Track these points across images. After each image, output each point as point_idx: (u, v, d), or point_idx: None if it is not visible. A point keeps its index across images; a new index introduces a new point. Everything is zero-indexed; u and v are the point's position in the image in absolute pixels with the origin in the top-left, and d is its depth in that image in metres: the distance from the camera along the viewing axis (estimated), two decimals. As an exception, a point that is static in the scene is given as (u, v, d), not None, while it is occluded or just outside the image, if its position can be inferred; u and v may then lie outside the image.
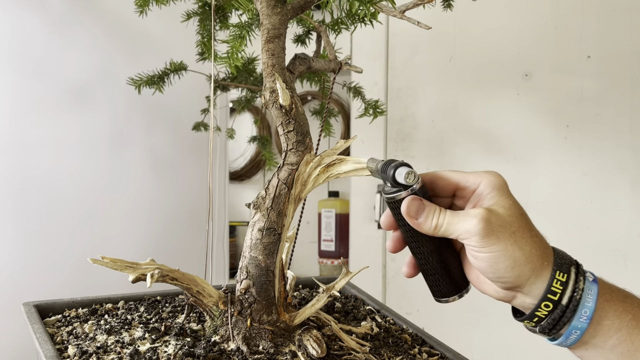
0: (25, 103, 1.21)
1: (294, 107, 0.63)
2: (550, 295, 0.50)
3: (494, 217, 0.50)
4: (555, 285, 0.50)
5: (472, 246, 0.51)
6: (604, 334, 0.50)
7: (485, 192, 0.53)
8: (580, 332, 0.50)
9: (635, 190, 1.48)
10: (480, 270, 0.52)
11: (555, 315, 0.50)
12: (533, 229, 0.52)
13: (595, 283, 0.51)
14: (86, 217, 1.30)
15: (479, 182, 0.53)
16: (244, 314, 0.61)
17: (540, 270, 0.50)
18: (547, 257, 0.51)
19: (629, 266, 1.48)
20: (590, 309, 0.50)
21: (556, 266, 0.51)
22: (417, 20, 0.68)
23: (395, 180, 0.53)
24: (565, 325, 0.50)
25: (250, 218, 0.64)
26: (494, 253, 0.50)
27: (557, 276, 0.50)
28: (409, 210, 0.53)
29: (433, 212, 0.53)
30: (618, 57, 1.50)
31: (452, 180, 0.55)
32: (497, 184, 0.53)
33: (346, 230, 2.29)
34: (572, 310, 0.50)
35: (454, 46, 1.69)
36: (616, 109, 1.50)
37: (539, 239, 0.52)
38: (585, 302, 0.50)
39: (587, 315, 0.50)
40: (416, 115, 1.74)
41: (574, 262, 0.52)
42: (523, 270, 0.50)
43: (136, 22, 1.02)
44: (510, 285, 0.51)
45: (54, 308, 0.71)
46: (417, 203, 0.53)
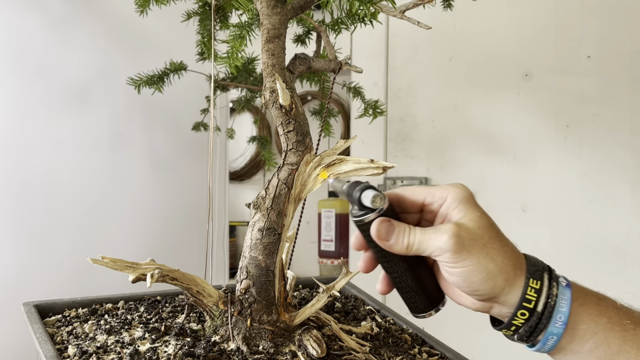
0: (25, 103, 1.21)
1: (294, 107, 0.63)
2: (525, 303, 0.50)
3: (463, 232, 0.50)
4: (529, 293, 0.50)
5: (444, 262, 0.51)
6: (580, 338, 0.50)
7: (453, 205, 0.53)
8: (557, 338, 0.50)
9: (635, 190, 1.48)
10: (455, 284, 0.52)
11: (531, 322, 0.50)
12: (503, 238, 0.52)
13: (568, 288, 0.51)
14: (86, 217, 1.30)
15: (445, 196, 0.53)
16: (244, 314, 0.61)
17: (513, 280, 0.50)
18: (520, 265, 0.51)
19: (629, 266, 1.48)
20: (564, 314, 0.50)
21: (529, 274, 0.51)
22: (417, 20, 0.68)
23: (361, 204, 0.53)
24: (542, 332, 0.50)
25: (250, 218, 0.64)
26: (467, 267, 0.50)
27: (530, 284, 0.50)
28: (379, 234, 0.52)
29: (403, 231, 0.52)
30: (618, 57, 1.50)
31: (418, 197, 0.55)
32: (463, 196, 0.53)
33: (346, 230, 2.29)
34: (548, 316, 0.50)
35: (454, 46, 1.69)
36: (616, 108, 1.49)
37: (510, 248, 0.52)
38: (560, 308, 0.50)
39: (562, 321, 0.50)
40: (416, 115, 1.74)
41: (546, 267, 0.52)
42: (497, 281, 0.50)
43: (136, 22, 1.02)
44: (486, 297, 0.52)
45: (54, 308, 0.71)
46: (386, 225, 0.53)
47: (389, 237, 0.53)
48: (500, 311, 0.53)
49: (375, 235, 0.53)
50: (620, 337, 0.50)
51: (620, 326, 0.50)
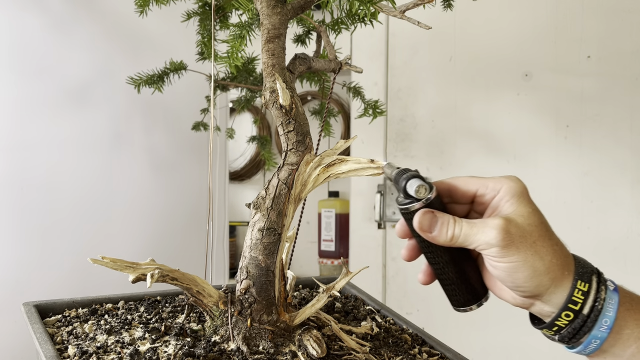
0: (26, 103, 1.21)
1: (294, 107, 0.63)
2: (571, 305, 0.49)
3: (513, 227, 0.49)
4: (576, 295, 0.49)
5: (490, 256, 0.50)
6: (623, 343, 0.50)
7: (505, 198, 0.52)
8: (600, 342, 0.50)
9: (635, 190, 1.48)
10: (499, 278, 0.52)
11: (575, 324, 0.50)
12: (553, 237, 0.51)
13: (616, 292, 0.51)
14: (86, 216, 1.30)
15: (499, 188, 0.52)
16: (244, 314, 0.61)
17: (560, 280, 0.50)
18: (568, 266, 0.51)
19: (629, 266, 1.48)
20: (611, 318, 0.49)
21: (577, 275, 0.50)
22: (417, 20, 0.68)
23: (407, 192, 0.52)
24: (585, 335, 0.50)
25: (250, 218, 0.64)
26: (514, 263, 0.49)
27: (578, 286, 0.49)
28: (421, 225, 0.51)
29: (447, 223, 0.51)
30: (618, 57, 1.50)
31: (470, 188, 0.54)
32: (517, 190, 0.52)
33: (346, 230, 2.29)
34: (593, 320, 0.49)
35: (454, 46, 1.69)
36: (616, 108, 1.50)
37: (560, 248, 0.51)
38: (606, 312, 0.49)
39: (607, 325, 0.49)
40: (416, 115, 1.74)
41: (595, 270, 0.52)
42: (543, 280, 0.49)
43: (136, 22, 1.02)
44: (530, 294, 0.51)
45: (54, 308, 0.71)
46: (428, 217, 0.51)
47: (432, 228, 0.51)
48: (541, 309, 0.52)
49: (417, 226, 0.51)
50: None
51: None
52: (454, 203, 0.55)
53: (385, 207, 1.77)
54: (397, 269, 1.76)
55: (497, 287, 0.55)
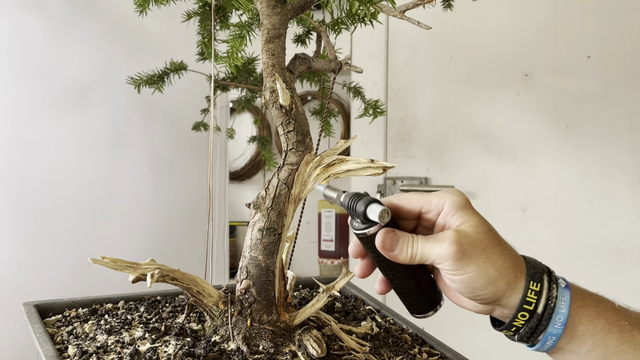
0: (26, 103, 1.21)
1: (294, 107, 0.63)
2: (525, 305, 0.51)
3: (463, 238, 0.51)
4: (529, 295, 0.51)
5: (446, 270, 0.52)
6: (579, 339, 0.51)
7: (451, 213, 0.53)
8: (556, 338, 0.51)
9: (635, 190, 1.48)
10: (457, 291, 0.53)
11: (531, 324, 0.51)
12: (502, 242, 0.53)
13: (567, 289, 0.52)
14: (86, 217, 1.30)
15: (442, 203, 0.54)
16: (244, 314, 0.61)
17: (514, 283, 0.51)
18: (520, 267, 0.52)
19: (629, 266, 1.48)
20: (564, 315, 0.51)
21: (529, 276, 0.52)
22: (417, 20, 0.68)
23: (366, 217, 0.53)
24: (541, 333, 0.51)
25: (250, 218, 0.64)
26: (469, 274, 0.51)
27: (530, 286, 0.51)
28: (384, 245, 0.53)
29: (407, 242, 0.53)
30: (618, 57, 1.50)
31: (414, 206, 0.55)
32: (460, 203, 0.53)
33: (346, 230, 2.29)
34: (547, 317, 0.51)
35: (454, 46, 1.69)
36: (616, 109, 1.50)
37: (509, 252, 0.53)
38: (559, 309, 0.51)
39: (561, 322, 0.51)
40: (416, 115, 1.74)
41: (545, 269, 0.53)
42: (498, 285, 0.51)
43: (136, 22, 1.02)
44: (488, 300, 0.52)
45: (54, 308, 0.71)
46: (390, 236, 0.53)
47: (393, 248, 0.53)
48: (501, 313, 0.54)
49: (380, 247, 0.53)
50: (617, 339, 0.51)
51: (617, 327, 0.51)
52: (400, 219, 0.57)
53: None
54: (397, 269, 1.76)
55: (458, 297, 0.56)
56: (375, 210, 0.52)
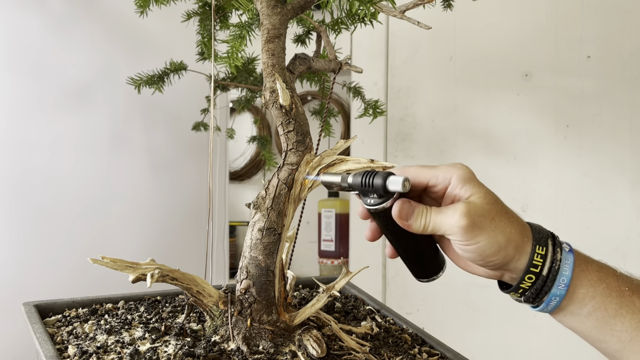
0: (26, 103, 1.21)
1: (294, 107, 0.63)
2: (532, 268, 0.54)
3: (473, 209, 0.53)
4: (536, 259, 0.54)
5: (458, 240, 0.54)
6: (580, 302, 0.54)
7: (459, 186, 0.55)
8: (559, 299, 0.54)
9: (635, 190, 1.48)
10: (469, 259, 0.56)
11: (537, 285, 0.54)
12: (509, 210, 0.56)
13: (571, 253, 0.55)
14: (86, 217, 1.30)
15: (449, 177, 0.56)
16: (244, 314, 0.61)
17: (522, 247, 0.54)
18: (526, 233, 0.55)
19: (629, 266, 1.47)
20: (567, 277, 0.54)
21: (535, 241, 0.55)
22: (417, 20, 0.68)
23: (385, 190, 0.54)
24: (546, 294, 0.54)
25: (250, 218, 0.64)
26: (480, 243, 0.53)
27: (537, 250, 0.54)
28: (400, 214, 0.55)
29: (421, 213, 0.55)
30: (618, 57, 1.50)
31: (421, 179, 0.57)
32: (467, 176, 0.56)
33: (346, 230, 2.29)
34: (552, 279, 0.54)
35: (454, 46, 1.69)
36: (616, 108, 1.49)
37: (516, 219, 0.56)
38: (563, 271, 0.54)
39: (564, 283, 0.54)
40: (416, 115, 1.74)
41: (550, 234, 0.56)
42: (508, 251, 0.54)
43: (136, 22, 1.02)
44: (498, 266, 0.55)
45: (54, 308, 0.71)
46: (407, 206, 0.55)
47: (409, 217, 0.55)
48: (510, 277, 0.57)
49: (397, 216, 0.55)
50: (617, 303, 0.54)
51: (617, 292, 0.54)
52: None
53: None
54: (397, 269, 1.76)
55: (469, 265, 0.59)
56: (397, 180, 0.54)
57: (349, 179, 0.57)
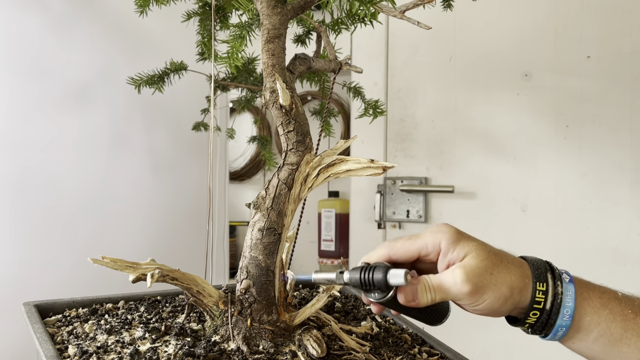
0: (26, 103, 1.21)
1: (294, 107, 0.63)
2: (535, 305, 0.56)
3: (471, 272, 0.55)
4: (538, 296, 0.56)
5: (466, 304, 0.57)
6: (586, 329, 0.56)
7: (450, 249, 0.57)
8: (566, 329, 0.56)
9: (635, 190, 1.48)
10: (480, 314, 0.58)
11: (542, 319, 0.57)
12: (503, 258, 0.57)
13: (571, 283, 0.57)
14: (86, 216, 1.30)
15: (438, 242, 0.58)
16: (244, 313, 0.61)
17: (525, 289, 0.56)
18: (525, 273, 0.57)
19: (629, 266, 1.48)
20: (570, 308, 0.56)
21: (535, 278, 0.57)
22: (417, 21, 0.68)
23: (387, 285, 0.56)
24: (552, 326, 0.57)
25: (250, 218, 0.64)
26: (487, 301, 0.56)
27: (538, 287, 0.56)
28: (407, 299, 0.57)
29: (424, 288, 0.57)
30: (618, 57, 1.50)
31: (413, 253, 0.59)
32: (454, 237, 0.58)
33: (346, 230, 2.29)
34: (556, 312, 0.56)
35: (454, 46, 1.69)
36: (616, 109, 1.50)
37: (511, 263, 0.57)
38: (566, 303, 0.56)
39: (569, 314, 0.56)
40: (416, 115, 1.74)
41: (548, 267, 0.58)
42: (514, 298, 0.56)
43: (136, 22, 1.02)
44: (507, 312, 0.58)
45: (54, 308, 0.71)
46: (411, 290, 0.57)
47: (415, 298, 0.57)
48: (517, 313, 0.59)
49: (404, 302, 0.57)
50: (621, 327, 0.55)
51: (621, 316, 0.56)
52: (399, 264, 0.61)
53: (385, 207, 1.77)
54: (397, 269, 1.76)
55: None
56: (399, 274, 0.55)
57: (345, 277, 0.58)
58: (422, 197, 1.72)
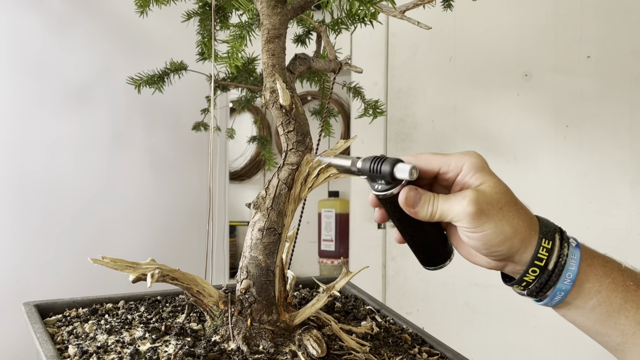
0: (26, 103, 1.21)
1: (294, 107, 0.63)
2: (537, 261, 0.53)
3: (481, 197, 0.53)
4: (541, 252, 0.53)
5: (464, 227, 0.53)
6: (585, 296, 0.54)
7: (470, 174, 0.55)
8: (564, 294, 0.54)
9: (635, 190, 1.48)
10: (474, 248, 0.55)
11: (542, 279, 0.54)
12: (518, 202, 0.55)
13: (578, 248, 0.55)
14: (86, 217, 1.30)
15: (461, 165, 0.56)
16: (244, 313, 0.61)
17: (528, 240, 0.54)
18: (534, 226, 0.55)
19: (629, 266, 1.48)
20: (573, 272, 0.53)
21: (542, 234, 0.54)
22: (417, 21, 0.68)
23: (393, 177, 0.54)
24: (550, 288, 0.54)
25: (250, 218, 0.64)
26: (486, 232, 0.53)
27: (542, 244, 0.54)
28: (407, 202, 0.55)
29: (428, 200, 0.55)
30: (618, 57, 1.50)
31: (433, 167, 0.57)
32: (479, 164, 0.55)
33: (346, 230, 2.29)
34: (557, 274, 0.53)
35: (454, 46, 1.69)
36: (616, 109, 1.50)
37: (524, 211, 0.55)
38: (569, 267, 0.54)
39: (570, 279, 0.53)
40: (416, 115, 1.74)
41: (557, 229, 0.56)
42: (513, 242, 0.53)
43: (136, 22, 1.02)
44: (503, 257, 0.55)
45: (54, 308, 0.71)
46: (414, 194, 0.55)
47: (416, 205, 0.55)
48: (513, 269, 0.56)
49: (403, 203, 0.55)
50: (622, 297, 0.54)
51: (623, 287, 0.54)
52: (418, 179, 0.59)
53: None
54: (397, 269, 1.76)
55: (472, 254, 0.59)
56: (404, 168, 0.54)
57: (359, 164, 0.57)
58: (422, 197, 1.72)
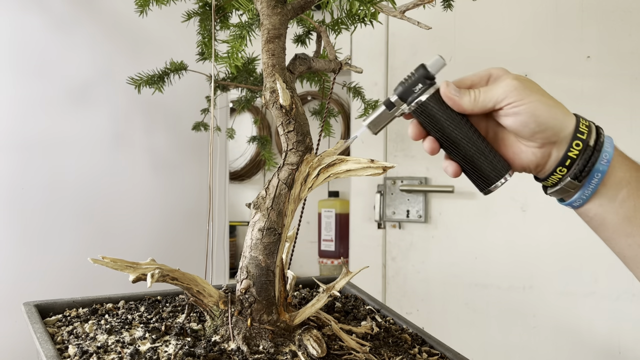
0: (26, 102, 1.21)
1: (294, 107, 0.63)
2: (579, 134, 0.56)
3: (520, 77, 0.57)
4: (581, 127, 0.56)
5: (511, 104, 0.56)
6: (617, 185, 0.56)
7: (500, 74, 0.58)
8: (602, 175, 0.56)
9: (635, 190, 1.47)
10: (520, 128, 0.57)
11: (585, 156, 0.56)
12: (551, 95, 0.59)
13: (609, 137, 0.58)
14: (87, 217, 1.30)
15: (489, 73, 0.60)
16: (244, 313, 0.61)
17: (568, 113, 0.57)
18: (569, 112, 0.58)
19: (628, 266, 1.48)
20: (609, 153, 0.56)
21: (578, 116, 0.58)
22: (417, 21, 0.68)
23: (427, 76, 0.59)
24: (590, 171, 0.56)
25: (250, 218, 0.64)
26: (532, 102, 0.55)
27: (581, 120, 0.57)
28: (448, 90, 0.58)
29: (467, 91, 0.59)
30: (618, 57, 1.50)
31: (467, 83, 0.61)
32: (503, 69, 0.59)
33: (346, 230, 2.29)
34: (598, 150, 0.56)
35: (454, 46, 1.69)
36: (616, 108, 1.49)
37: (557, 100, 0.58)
38: (606, 148, 0.56)
39: (607, 159, 0.56)
40: (416, 115, 1.74)
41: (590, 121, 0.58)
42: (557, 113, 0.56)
43: (136, 22, 1.02)
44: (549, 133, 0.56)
45: (54, 308, 0.71)
46: (452, 85, 0.59)
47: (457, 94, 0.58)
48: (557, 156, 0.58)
49: (445, 93, 0.59)
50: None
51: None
52: None
53: (385, 207, 1.77)
54: (397, 269, 1.76)
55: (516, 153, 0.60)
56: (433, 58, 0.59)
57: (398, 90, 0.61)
58: (422, 197, 1.72)
